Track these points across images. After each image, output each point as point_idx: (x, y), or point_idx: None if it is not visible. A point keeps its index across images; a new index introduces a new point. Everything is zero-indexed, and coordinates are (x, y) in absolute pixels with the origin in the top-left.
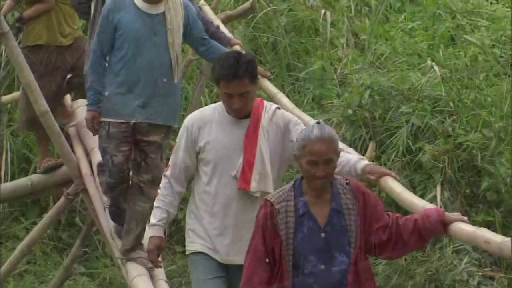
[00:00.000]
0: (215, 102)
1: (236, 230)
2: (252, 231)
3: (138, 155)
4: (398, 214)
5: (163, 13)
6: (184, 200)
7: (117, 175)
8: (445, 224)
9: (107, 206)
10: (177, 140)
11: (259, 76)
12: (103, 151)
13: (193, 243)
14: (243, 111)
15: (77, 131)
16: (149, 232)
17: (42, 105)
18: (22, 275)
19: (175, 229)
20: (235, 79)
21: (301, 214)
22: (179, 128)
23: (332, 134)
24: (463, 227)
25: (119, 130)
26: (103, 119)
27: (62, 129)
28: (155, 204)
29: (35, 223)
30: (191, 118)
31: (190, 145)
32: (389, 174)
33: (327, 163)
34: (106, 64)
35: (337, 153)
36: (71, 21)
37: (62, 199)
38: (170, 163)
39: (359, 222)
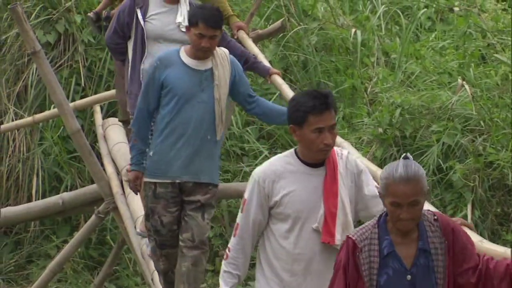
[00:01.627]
0: (247, 121)
1: (318, 286)
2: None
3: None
4: (488, 256)
5: (211, 69)
6: (214, 219)
7: (167, 235)
8: None
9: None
10: (245, 197)
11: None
12: (151, 212)
13: None
14: (330, 150)
15: (108, 150)
16: None
17: (73, 124)
18: None
19: None
20: (326, 110)
21: (386, 255)
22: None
23: (418, 173)
24: None
25: (167, 191)
26: (148, 180)
27: (93, 148)
28: (224, 267)
29: (66, 242)
30: (261, 172)
31: (263, 200)
32: None
33: (413, 205)
34: (152, 123)
35: (424, 193)
36: None
37: (93, 218)
38: (239, 221)
39: (447, 262)
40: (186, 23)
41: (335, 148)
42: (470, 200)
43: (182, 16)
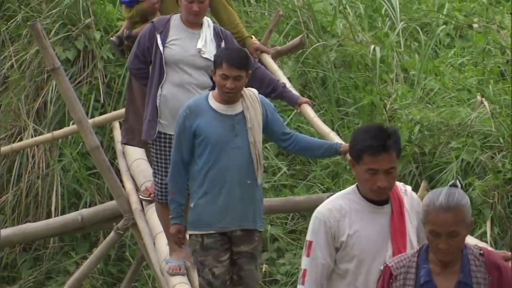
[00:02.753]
0: (265, 138)
1: None
2: None
3: (230, 268)
4: None
5: (242, 112)
6: None
7: (220, 286)
8: None
9: None
10: (308, 239)
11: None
12: (201, 265)
13: None
14: (387, 192)
15: (127, 167)
16: None
17: (92, 140)
18: None
19: None
20: (384, 152)
21: (422, 284)
22: None
23: (461, 203)
24: None
25: (215, 240)
26: (193, 232)
27: (112, 164)
28: None
29: (85, 258)
30: (324, 210)
31: (330, 241)
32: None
33: (452, 235)
34: (187, 176)
35: (466, 225)
36: None
37: (112, 234)
38: (305, 267)
39: None
40: (207, 48)
41: (398, 183)
42: (489, 217)
43: (203, 41)
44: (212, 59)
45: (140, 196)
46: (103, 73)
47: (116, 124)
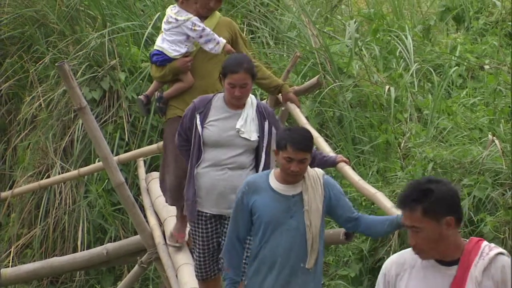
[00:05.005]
0: None
1: None
2: None
3: None
4: None
5: (300, 193)
6: None
7: None
8: None
9: None
10: None
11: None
12: None
13: None
14: (419, 252)
15: (151, 203)
16: None
17: (117, 177)
18: None
19: None
20: (405, 208)
21: None
22: None
23: None
24: None
25: None
26: None
27: (136, 200)
28: None
29: None
30: (387, 263)
31: None
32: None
33: None
34: (243, 252)
35: None
36: None
37: (136, 268)
38: None
39: None
40: (246, 128)
41: (483, 242)
42: None
43: (243, 120)
44: (252, 139)
45: (168, 243)
46: (127, 112)
47: (141, 162)
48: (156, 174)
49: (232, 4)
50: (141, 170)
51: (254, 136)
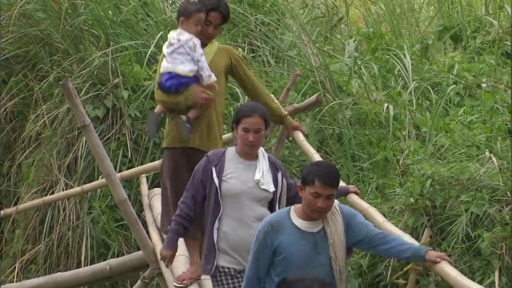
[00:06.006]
0: None
1: None
2: None
3: None
4: None
5: (323, 227)
6: None
7: None
8: None
9: None
10: None
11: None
12: None
13: None
14: None
15: (153, 219)
16: None
17: (120, 193)
18: None
19: None
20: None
21: None
22: None
23: None
24: None
25: None
26: None
27: (139, 216)
28: None
29: None
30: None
31: None
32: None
33: None
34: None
35: None
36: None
37: (138, 283)
38: None
39: None
40: (265, 179)
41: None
42: (498, 267)
43: (261, 172)
44: (270, 190)
45: (175, 284)
46: (130, 130)
47: (143, 179)
48: (158, 190)
49: (234, 24)
50: (144, 186)
51: (272, 187)
